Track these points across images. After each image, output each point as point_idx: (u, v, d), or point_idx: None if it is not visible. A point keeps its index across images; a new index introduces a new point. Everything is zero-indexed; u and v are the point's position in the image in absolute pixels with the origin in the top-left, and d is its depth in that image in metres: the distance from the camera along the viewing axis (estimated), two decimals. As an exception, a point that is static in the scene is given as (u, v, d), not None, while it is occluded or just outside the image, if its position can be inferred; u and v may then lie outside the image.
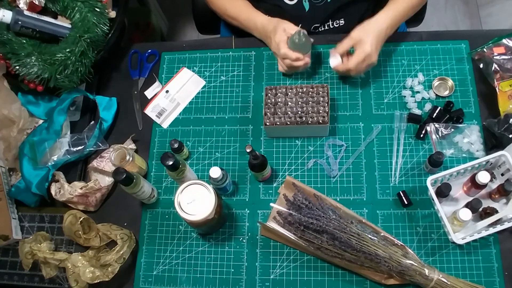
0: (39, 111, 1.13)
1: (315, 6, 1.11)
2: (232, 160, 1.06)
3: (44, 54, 1.03)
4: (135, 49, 1.22)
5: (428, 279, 0.85)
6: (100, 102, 1.12)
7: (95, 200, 1.03)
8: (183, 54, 1.19)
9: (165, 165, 0.89)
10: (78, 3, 1.06)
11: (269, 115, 1.00)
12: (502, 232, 0.92)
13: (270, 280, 0.95)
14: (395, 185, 0.99)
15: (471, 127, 1.00)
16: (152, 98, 1.15)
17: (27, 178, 1.02)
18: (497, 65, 0.99)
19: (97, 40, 1.07)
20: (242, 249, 0.98)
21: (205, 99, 1.14)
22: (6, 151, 1.07)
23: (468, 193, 0.94)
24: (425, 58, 1.09)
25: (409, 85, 1.07)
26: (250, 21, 1.11)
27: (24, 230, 1.06)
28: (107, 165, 1.03)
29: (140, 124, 1.13)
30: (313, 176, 1.02)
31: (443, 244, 0.93)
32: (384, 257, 0.85)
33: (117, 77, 1.20)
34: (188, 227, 1.01)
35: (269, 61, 1.14)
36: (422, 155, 1.01)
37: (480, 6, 2.15)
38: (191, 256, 0.99)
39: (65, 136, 1.09)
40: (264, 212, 1.01)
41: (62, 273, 0.99)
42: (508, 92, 0.97)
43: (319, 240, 0.88)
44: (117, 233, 0.97)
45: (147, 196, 0.99)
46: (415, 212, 0.96)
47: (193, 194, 0.88)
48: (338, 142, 1.04)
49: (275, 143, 1.06)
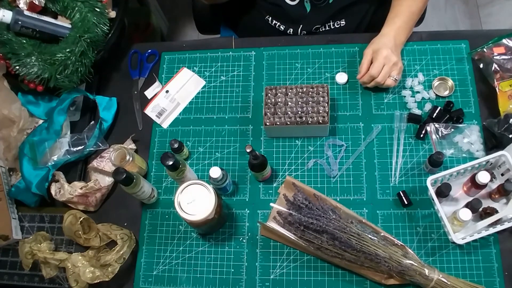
0: (39, 111, 1.13)
1: (316, 7, 1.10)
2: (232, 160, 1.06)
3: (44, 54, 1.03)
4: (135, 49, 1.22)
5: (428, 279, 0.84)
6: (100, 102, 1.12)
7: (95, 200, 1.03)
8: (183, 54, 1.19)
9: (165, 165, 0.89)
10: (78, 3, 1.07)
11: (269, 115, 1.00)
12: (502, 232, 0.92)
13: (270, 280, 0.95)
14: (395, 185, 0.99)
15: (471, 127, 1.00)
16: (152, 98, 1.15)
17: (27, 178, 1.02)
18: (497, 65, 0.99)
19: (97, 40, 1.07)
20: (242, 249, 0.98)
21: (205, 99, 1.14)
22: (6, 151, 1.07)
23: (468, 193, 0.94)
24: (425, 58, 1.09)
25: (409, 85, 1.07)
26: None
27: (24, 230, 1.06)
28: (107, 165, 1.03)
29: (140, 124, 1.13)
30: (313, 176, 1.02)
31: (443, 244, 0.93)
32: (384, 257, 0.85)
33: (117, 77, 1.20)
34: (188, 227, 1.01)
35: (269, 61, 1.14)
36: (422, 155, 1.01)
37: (480, 6, 2.15)
38: (191, 256, 0.99)
39: (65, 136, 1.09)
40: (264, 212, 1.01)
41: (62, 273, 0.99)
42: (508, 92, 0.97)
43: (319, 240, 0.88)
44: (117, 233, 0.97)
45: (147, 196, 0.99)
46: (415, 212, 0.96)
47: (193, 194, 0.88)
48: (338, 142, 1.04)
49: (275, 143, 1.06)
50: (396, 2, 1.07)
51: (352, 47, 1.12)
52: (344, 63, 1.12)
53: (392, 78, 1.01)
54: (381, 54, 1.00)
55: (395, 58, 1.00)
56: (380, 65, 1.00)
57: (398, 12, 1.06)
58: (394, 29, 1.04)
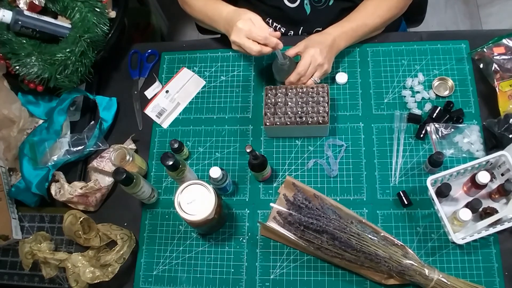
0: (39, 111, 1.13)
1: (316, 9, 1.10)
2: (232, 160, 1.06)
3: (44, 54, 1.03)
4: (135, 49, 1.22)
5: (428, 279, 0.84)
6: (100, 102, 1.12)
7: (95, 200, 1.03)
8: (183, 54, 1.19)
9: (165, 165, 0.89)
10: (78, 3, 1.07)
11: (269, 115, 1.00)
12: (502, 232, 0.92)
13: (270, 280, 0.95)
14: (395, 185, 0.99)
15: (471, 127, 1.00)
16: (152, 98, 1.15)
17: (27, 178, 1.02)
18: (497, 65, 0.99)
19: (97, 40, 1.07)
20: (242, 249, 0.98)
21: (205, 99, 1.14)
22: (6, 151, 1.07)
23: (468, 193, 0.94)
24: (425, 58, 1.09)
25: (409, 85, 1.07)
26: (216, 11, 1.04)
27: (24, 230, 1.06)
28: (107, 165, 1.03)
29: (140, 124, 1.13)
30: (313, 176, 1.02)
31: (443, 244, 0.93)
32: (384, 257, 0.85)
33: (117, 77, 1.20)
34: (188, 227, 1.01)
35: (269, 61, 1.14)
36: (422, 155, 1.01)
37: (480, 6, 2.14)
38: (191, 256, 0.99)
39: (65, 136, 1.09)
40: (264, 212, 1.01)
41: (62, 273, 0.99)
42: (508, 92, 0.97)
43: (319, 240, 0.88)
44: (117, 233, 0.97)
45: (147, 196, 0.99)
46: (415, 212, 0.96)
47: (193, 194, 0.88)
48: (338, 142, 1.04)
49: (275, 143, 1.06)
50: (356, 9, 1.07)
51: (352, 48, 1.12)
52: (344, 63, 1.12)
53: (313, 79, 1.02)
54: (308, 53, 0.99)
55: (321, 59, 0.99)
56: (306, 63, 0.99)
57: (351, 18, 1.06)
58: (339, 31, 1.04)
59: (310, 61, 1.00)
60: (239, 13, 0.95)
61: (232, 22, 0.94)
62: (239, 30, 0.91)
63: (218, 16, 1.03)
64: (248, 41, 0.91)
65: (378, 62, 1.10)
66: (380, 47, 1.12)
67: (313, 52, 0.99)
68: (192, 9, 1.12)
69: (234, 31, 0.92)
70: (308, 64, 1.00)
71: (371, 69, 1.10)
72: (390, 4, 1.06)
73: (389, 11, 1.06)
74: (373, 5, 1.06)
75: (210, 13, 1.06)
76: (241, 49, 0.94)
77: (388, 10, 1.06)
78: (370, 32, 1.08)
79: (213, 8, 1.05)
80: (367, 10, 1.06)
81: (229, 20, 0.97)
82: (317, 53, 0.99)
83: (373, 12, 1.06)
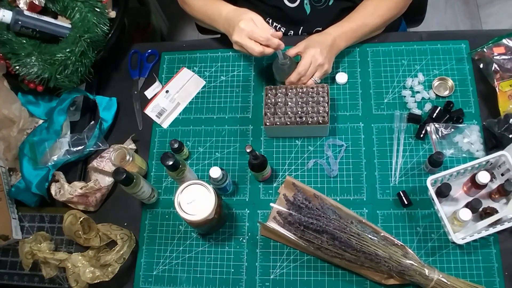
0: (39, 111, 1.13)
1: (316, 9, 1.10)
2: (232, 160, 1.06)
3: (44, 54, 1.03)
4: (135, 49, 1.22)
5: (428, 279, 0.84)
6: (100, 102, 1.12)
7: (95, 200, 1.03)
8: (183, 54, 1.19)
9: (165, 165, 0.89)
10: (78, 3, 1.07)
11: (269, 115, 1.00)
12: (502, 232, 0.92)
13: (270, 280, 0.95)
14: (395, 185, 0.99)
15: (471, 127, 1.00)
16: (152, 98, 1.15)
17: (27, 178, 1.02)
18: (497, 65, 0.99)
19: (97, 40, 1.07)
20: (242, 249, 0.98)
21: (205, 99, 1.14)
22: (6, 151, 1.07)
23: (468, 193, 0.94)
24: (425, 58, 1.09)
25: (409, 85, 1.07)
26: (215, 10, 1.04)
27: (24, 230, 1.06)
28: (107, 165, 1.03)
29: (140, 124, 1.13)
30: (313, 176, 1.02)
31: (443, 244, 0.93)
32: (384, 257, 0.85)
33: (117, 77, 1.20)
34: (188, 227, 1.01)
35: (269, 61, 1.14)
36: (422, 155, 1.01)
37: (480, 6, 2.14)
38: (191, 256, 0.99)
39: (65, 136, 1.09)
40: (264, 212, 1.01)
41: (62, 273, 0.99)
42: (508, 92, 0.97)
43: (319, 240, 0.88)
44: (117, 233, 0.97)
45: (147, 196, 0.99)
46: (415, 212, 0.96)
47: (193, 194, 0.88)
48: (338, 142, 1.04)
49: (275, 143, 1.06)
50: (356, 9, 1.07)
51: (352, 48, 1.12)
52: (344, 63, 1.12)
53: (313, 79, 1.01)
54: (309, 53, 0.99)
55: (321, 59, 1.00)
56: (307, 63, 0.99)
57: (351, 18, 1.06)
58: (339, 31, 1.04)
59: (310, 61, 1.00)
60: (240, 13, 0.95)
61: (233, 22, 0.94)
62: (241, 31, 0.91)
63: (217, 16, 1.03)
64: (250, 41, 0.91)
65: (378, 62, 1.10)
66: (380, 47, 1.12)
67: (314, 52, 0.99)
68: (192, 8, 1.12)
69: (236, 31, 0.92)
70: (309, 64, 1.00)
71: (371, 69, 1.10)
72: (390, 4, 1.06)
73: (389, 11, 1.07)
74: (373, 5, 1.06)
75: (209, 13, 1.06)
76: (243, 50, 0.94)
77: (388, 10, 1.06)
78: (370, 32, 1.08)
79: (213, 7, 1.05)
80: (367, 10, 1.06)
81: (229, 20, 0.97)
82: (317, 53, 0.99)
83: (373, 12, 1.06)
